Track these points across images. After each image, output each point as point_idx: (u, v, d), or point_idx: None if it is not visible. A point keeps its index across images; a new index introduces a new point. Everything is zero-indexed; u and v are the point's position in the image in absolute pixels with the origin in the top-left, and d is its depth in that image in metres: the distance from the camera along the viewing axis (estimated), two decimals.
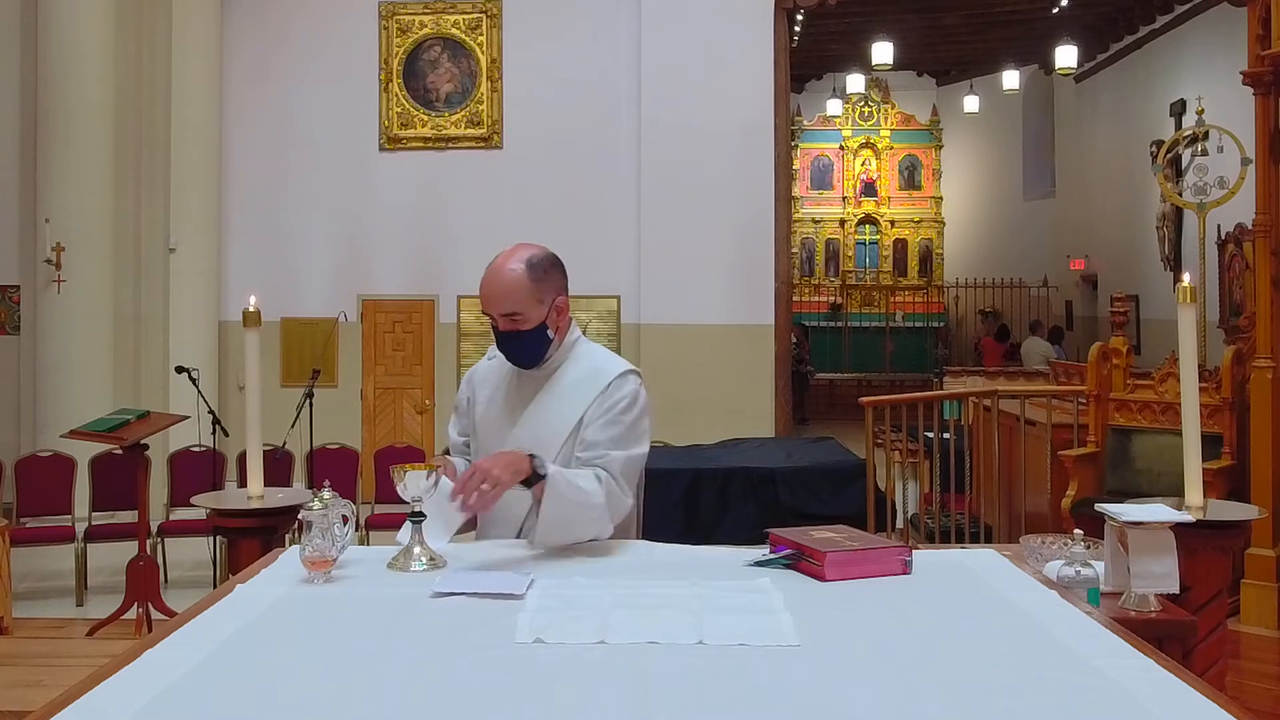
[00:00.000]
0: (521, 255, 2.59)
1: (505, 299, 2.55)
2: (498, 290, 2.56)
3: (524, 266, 2.56)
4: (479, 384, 2.78)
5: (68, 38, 7.45)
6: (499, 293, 2.56)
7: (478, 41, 9.42)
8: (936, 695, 1.60)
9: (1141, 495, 3.99)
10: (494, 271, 2.58)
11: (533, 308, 2.57)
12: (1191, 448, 2.82)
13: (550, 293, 2.60)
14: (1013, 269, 17.17)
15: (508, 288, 2.55)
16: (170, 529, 6.69)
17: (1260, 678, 5.03)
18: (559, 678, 1.67)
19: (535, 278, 2.57)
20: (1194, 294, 2.90)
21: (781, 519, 5.99)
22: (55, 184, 7.45)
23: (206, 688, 1.66)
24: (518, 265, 2.56)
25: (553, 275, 2.62)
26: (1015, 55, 15.70)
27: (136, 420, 5.94)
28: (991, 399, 7.09)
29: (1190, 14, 12.08)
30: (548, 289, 2.60)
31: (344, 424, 8.65)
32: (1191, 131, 8.09)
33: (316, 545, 2.26)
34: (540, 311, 2.59)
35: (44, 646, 5.64)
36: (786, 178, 9.50)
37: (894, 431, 7.05)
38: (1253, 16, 6.01)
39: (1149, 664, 1.73)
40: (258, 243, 9.46)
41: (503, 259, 2.59)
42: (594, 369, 2.67)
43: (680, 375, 8.82)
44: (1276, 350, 5.75)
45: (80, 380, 7.37)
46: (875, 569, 2.27)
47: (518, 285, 2.55)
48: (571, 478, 2.47)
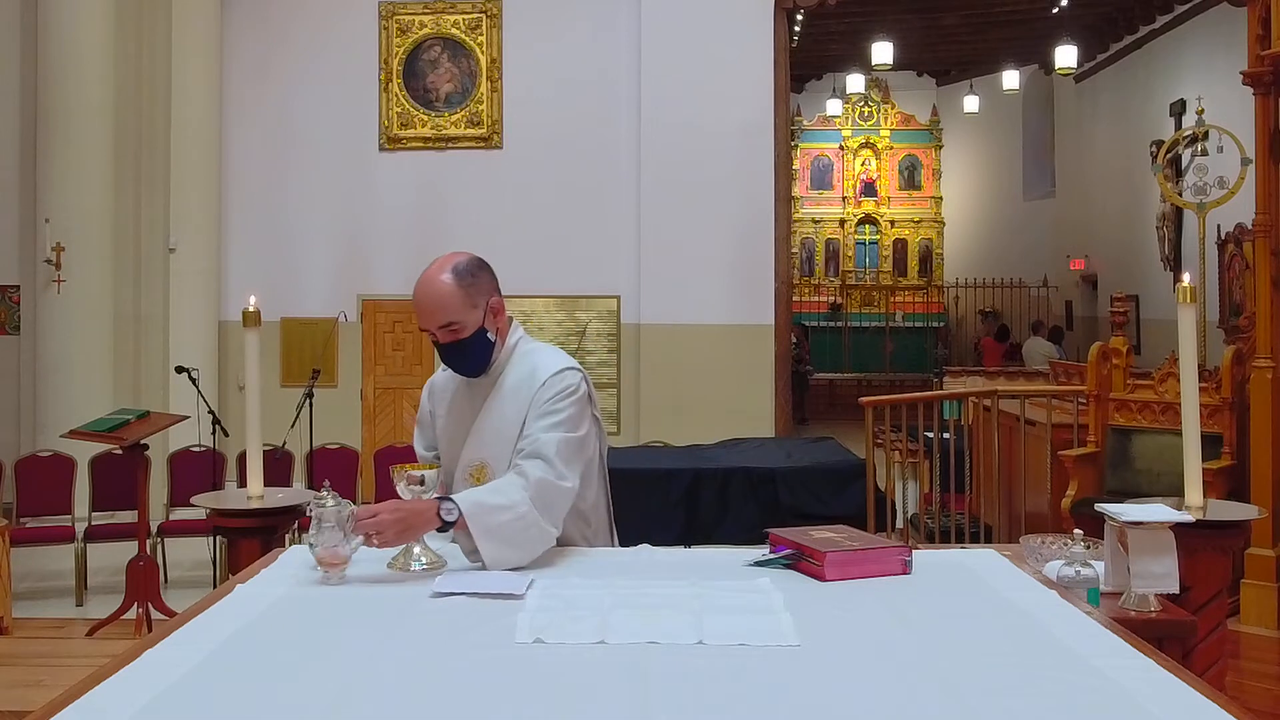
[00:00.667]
0: (445, 264, 2.58)
1: (438, 311, 2.53)
2: (430, 303, 2.54)
3: (451, 274, 2.55)
4: (438, 397, 2.76)
5: (68, 38, 7.45)
6: (431, 305, 2.54)
7: (478, 41, 9.42)
8: (936, 695, 1.60)
9: (1141, 495, 3.99)
10: (422, 285, 2.55)
11: (468, 313, 2.55)
12: (1191, 448, 2.82)
13: (482, 295, 2.58)
14: (1013, 269, 17.17)
15: (439, 298, 2.53)
16: (170, 529, 6.69)
17: (1260, 678, 5.03)
18: (559, 678, 1.67)
19: (464, 284, 2.55)
20: (1194, 294, 2.90)
21: (781, 519, 5.98)
22: (55, 184, 7.45)
23: (206, 688, 1.66)
24: (445, 275, 2.55)
25: (481, 277, 2.59)
26: (1015, 55, 15.70)
27: (136, 420, 5.94)
28: (991, 399, 7.09)
29: (1190, 14, 12.07)
30: (478, 291, 2.57)
31: (344, 424, 8.65)
32: (1191, 131, 8.09)
33: (329, 541, 2.21)
34: (476, 316, 2.56)
35: (44, 646, 5.64)
36: (786, 178, 9.50)
37: (894, 431, 7.05)
38: (1253, 16, 6.01)
39: (1149, 664, 1.73)
40: (258, 243, 9.46)
41: (428, 273, 2.57)
42: (531, 369, 2.60)
43: (680, 375, 8.83)
44: (1276, 350, 5.75)
45: (80, 380, 7.37)
46: (875, 569, 2.27)
47: (448, 294, 2.54)
48: (488, 498, 2.38)
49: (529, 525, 2.38)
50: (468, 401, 2.68)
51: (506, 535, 2.35)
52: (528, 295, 9.16)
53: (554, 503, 2.44)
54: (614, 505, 2.80)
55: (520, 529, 2.36)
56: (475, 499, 2.38)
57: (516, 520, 2.36)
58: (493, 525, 2.34)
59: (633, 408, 9.06)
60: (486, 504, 2.36)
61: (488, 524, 2.33)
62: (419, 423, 2.82)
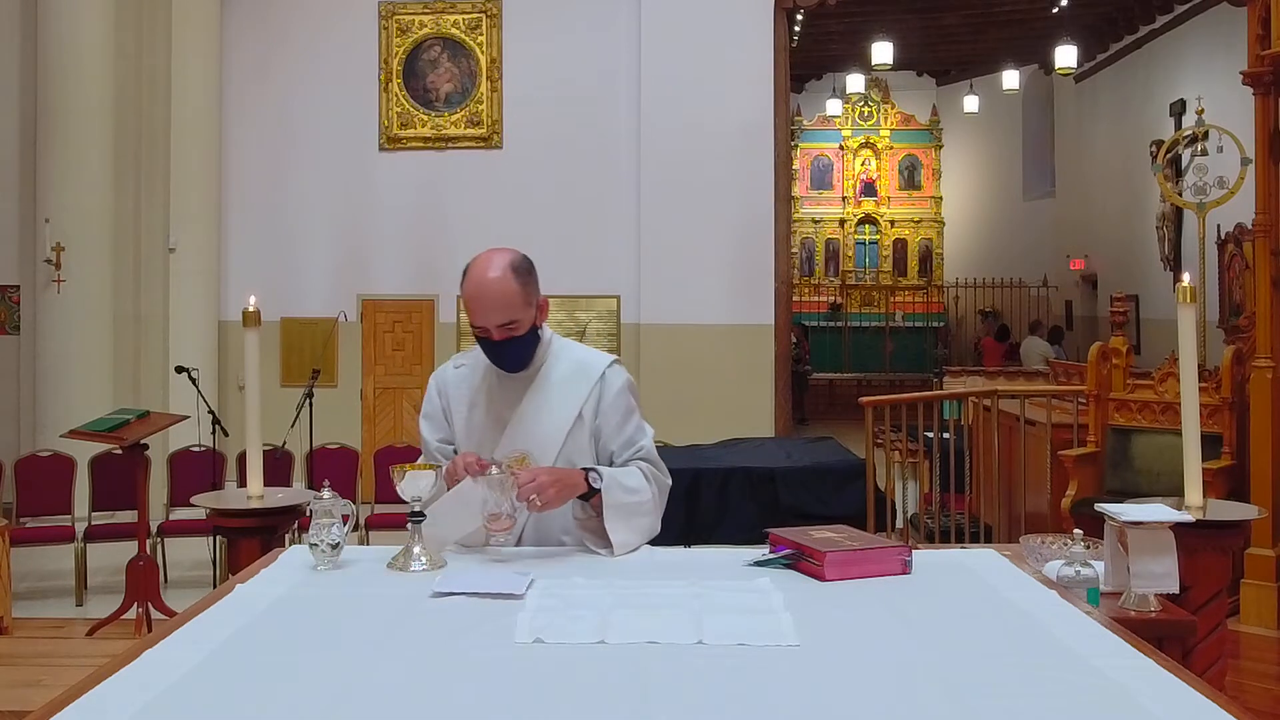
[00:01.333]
0: (503, 263, 2.57)
1: (503, 310, 2.54)
2: (494, 302, 2.54)
3: (512, 273, 2.55)
4: (452, 393, 2.75)
5: (68, 38, 7.45)
6: (495, 304, 2.54)
7: (477, 41, 9.42)
8: (936, 695, 1.60)
9: (1141, 495, 3.99)
10: (484, 284, 2.55)
11: (526, 312, 2.58)
12: (1191, 448, 2.82)
13: (535, 293, 2.62)
14: (1012, 269, 17.17)
15: (505, 298, 2.54)
16: (170, 529, 6.69)
17: (1260, 678, 5.03)
18: (559, 678, 1.67)
19: (523, 282, 2.57)
20: (1194, 294, 2.90)
21: (781, 519, 5.97)
22: (55, 184, 7.45)
23: (206, 688, 1.66)
24: (507, 273, 2.55)
25: (534, 276, 2.62)
26: (1015, 55, 15.70)
27: (136, 420, 5.93)
28: (991, 399, 7.09)
29: (1190, 14, 12.08)
30: (534, 290, 2.61)
31: (344, 424, 8.65)
32: (1191, 131, 8.09)
33: (497, 505, 2.35)
34: (531, 314, 2.60)
35: (44, 646, 5.64)
36: (786, 178, 9.50)
37: (894, 431, 7.05)
38: (1253, 16, 6.01)
39: (1149, 664, 1.73)
40: (258, 243, 9.45)
41: (484, 269, 2.56)
42: (580, 363, 2.71)
43: (680, 375, 8.82)
44: (1276, 350, 5.75)
45: (80, 380, 7.37)
46: (875, 569, 2.27)
47: (513, 293, 2.54)
48: (622, 479, 2.57)
49: (647, 514, 2.59)
50: (501, 395, 2.68)
51: (629, 515, 2.54)
52: None
53: (664, 499, 2.67)
54: None
55: (642, 514, 2.57)
56: (614, 475, 2.57)
57: (641, 504, 2.57)
58: (623, 503, 2.53)
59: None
60: (623, 484, 2.56)
61: (620, 501, 2.53)
62: (427, 416, 2.79)
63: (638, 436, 2.69)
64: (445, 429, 2.75)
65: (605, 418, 2.66)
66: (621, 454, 2.66)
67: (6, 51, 7.91)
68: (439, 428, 2.76)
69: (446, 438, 2.74)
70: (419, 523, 2.40)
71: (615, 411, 2.67)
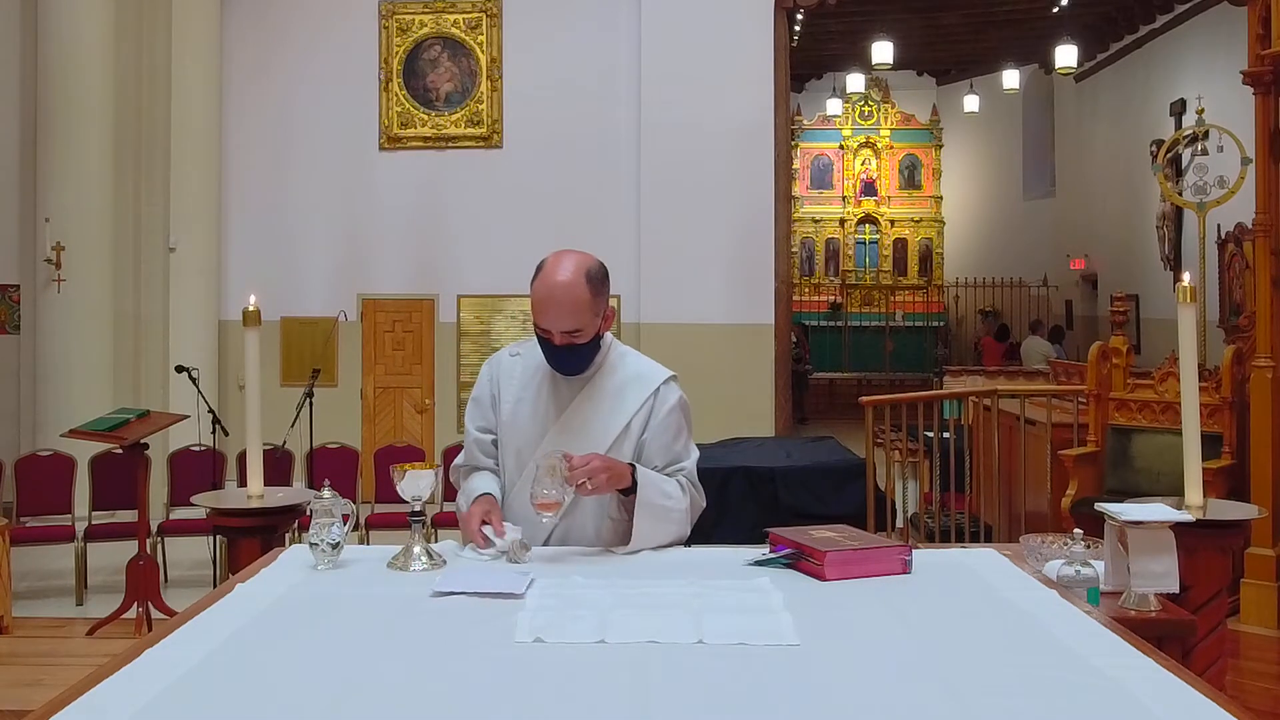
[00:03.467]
0: (579, 268, 2.52)
1: (571, 316, 2.51)
2: (564, 309, 2.50)
3: (585, 281, 2.51)
4: (504, 380, 2.72)
5: (68, 38, 7.45)
6: (565, 311, 2.50)
7: (478, 41, 9.42)
8: (936, 695, 1.60)
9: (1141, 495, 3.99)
10: (556, 288, 2.50)
11: (592, 321, 2.55)
12: (1191, 447, 2.82)
13: (604, 303, 2.59)
14: (1013, 269, 17.17)
15: (574, 306, 2.50)
16: (170, 528, 6.69)
17: (1260, 677, 5.03)
18: (559, 677, 1.67)
19: (595, 292, 2.54)
20: (1194, 293, 2.90)
21: (781, 518, 5.97)
22: (55, 184, 7.45)
23: (206, 687, 1.66)
24: (579, 280, 2.51)
25: (606, 287, 2.60)
26: (1015, 55, 15.70)
27: (136, 419, 5.94)
28: (991, 398, 7.09)
29: (1190, 14, 12.08)
30: (603, 300, 2.59)
31: (344, 423, 8.65)
32: (1191, 131, 8.09)
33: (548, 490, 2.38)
34: (596, 323, 2.57)
35: (44, 646, 5.64)
36: (786, 177, 9.50)
37: (894, 431, 7.05)
38: (1253, 16, 6.01)
39: (1149, 663, 1.73)
40: (258, 242, 9.45)
41: (558, 271, 2.51)
42: (637, 374, 2.69)
43: (680, 375, 8.79)
44: (1276, 350, 5.75)
45: (80, 380, 7.38)
46: (875, 568, 2.27)
47: (583, 303, 2.51)
48: (660, 484, 2.59)
49: (676, 523, 2.61)
50: (552, 394, 2.66)
51: (659, 520, 2.56)
52: (527, 295, 9.13)
53: (695, 515, 2.70)
54: None
55: (671, 521, 2.59)
56: (654, 477, 2.59)
57: (672, 511, 2.59)
58: (657, 504, 2.55)
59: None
60: (661, 487, 2.59)
61: (655, 501, 2.55)
62: (476, 401, 2.75)
63: (683, 455, 2.71)
64: (489, 416, 2.72)
65: (654, 434, 2.65)
66: (664, 470, 2.66)
67: (6, 51, 7.91)
68: (484, 414, 2.73)
69: (488, 426, 2.72)
70: (419, 523, 2.40)
71: (666, 430, 2.67)
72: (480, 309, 9.34)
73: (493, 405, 2.72)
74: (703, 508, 2.72)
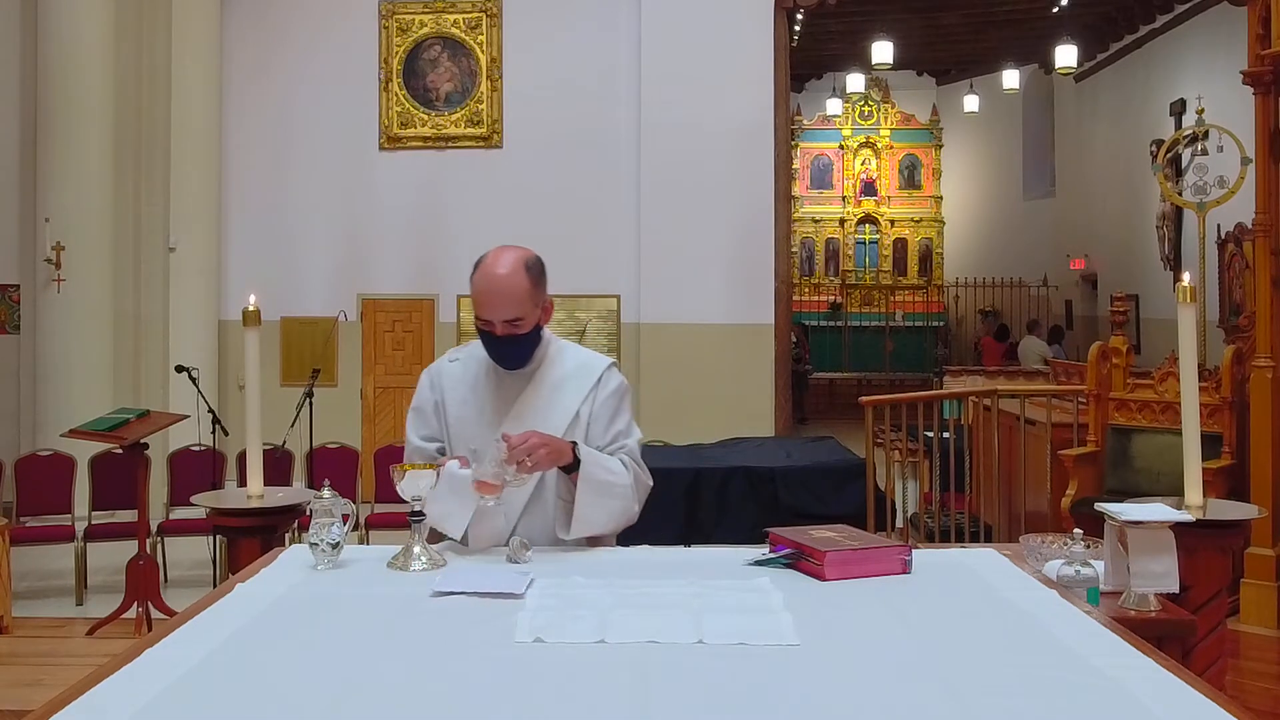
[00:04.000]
0: (518, 259, 2.59)
1: (512, 305, 2.56)
2: (505, 298, 2.56)
3: (524, 270, 2.58)
4: (447, 386, 2.75)
5: (68, 38, 7.45)
6: (505, 300, 2.56)
7: (478, 41, 9.42)
8: (936, 695, 1.60)
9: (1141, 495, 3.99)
10: (495, 279, 2.57)
11: (533, 310, 2.60)
12: (1191, 447, 2.82)
13: (544, 294, 2.65)
14: (1012, 268, 17.17)
15: (515, 293, 2.56)
16: (170, 528, 6.69)
17: (1260, 677, 5.03)
18: (559, 677, 1.67)
19: (534, 282, 2.60)
20: (1194, 293, 2.90)
21: (781, 518, 5.97)
22: (55, 183, 7.45)
23: (206, 687, 1.66)
24: (519, 269, 2.57)
25: (544, 277, 2.65)
26: (1015, 55, 15.70)
27: (136, 419, 5.93)
28: (991, 398, 7.09)
29: (1190, 13, 12.07)
30: (542, 290, 2.64)
31: (344, 423, 8.65)
32: (1191, 131, 8.08)
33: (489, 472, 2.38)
34: (536, 314, 2.62)
35: (44, 646, 5.64)
36: (786, 177, 9.50)
37: (894, 431, 7.05)
38: (1253, 16, 6.01)
39: (1149, 663, 1.73)
40: (258, 242, 9.45)
41: (497, 264, 2.58)
42: (580, 364, 2.74)
43: (680, 375, 8.82)
44: (1276, 350, 5.75)
45: (80, 380, 7.38)
46: (875, 568, 2.27)
47: (524, 290, 2.57)
48: (603, 460, 2.60)
49: (620, 498, 2.60)
50: (498, 391, 2.69)
51: (603, 495, 2.56)
52: None
53: (643, 494, 2.69)
54: None
55: (614, 496, 2.59)
56: (593, 453, 2.59)
57: (615, 486, 2.59)
58: (600, 479, 2.56)
59: (633, 407, 9.05)
60: (603, 463, 2.60)
61: (598, 476, 2.56)
62: (418, 411, 2.77)
63: (625, 435, 2.72)
64: (433, 425, 2.74)
65: (595, 416, 2.69)
66: (606, 448, 2.68)
67: (6, 51, 7.91)
68: (426, 423, 2.75)
69: (432, 434, 2.73)
70: (419, 522, 2.40)
71: (606, 410, 2.71)
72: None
73: (435, 412, 2.74)
74: (649, 486, 2.71)
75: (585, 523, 2.56)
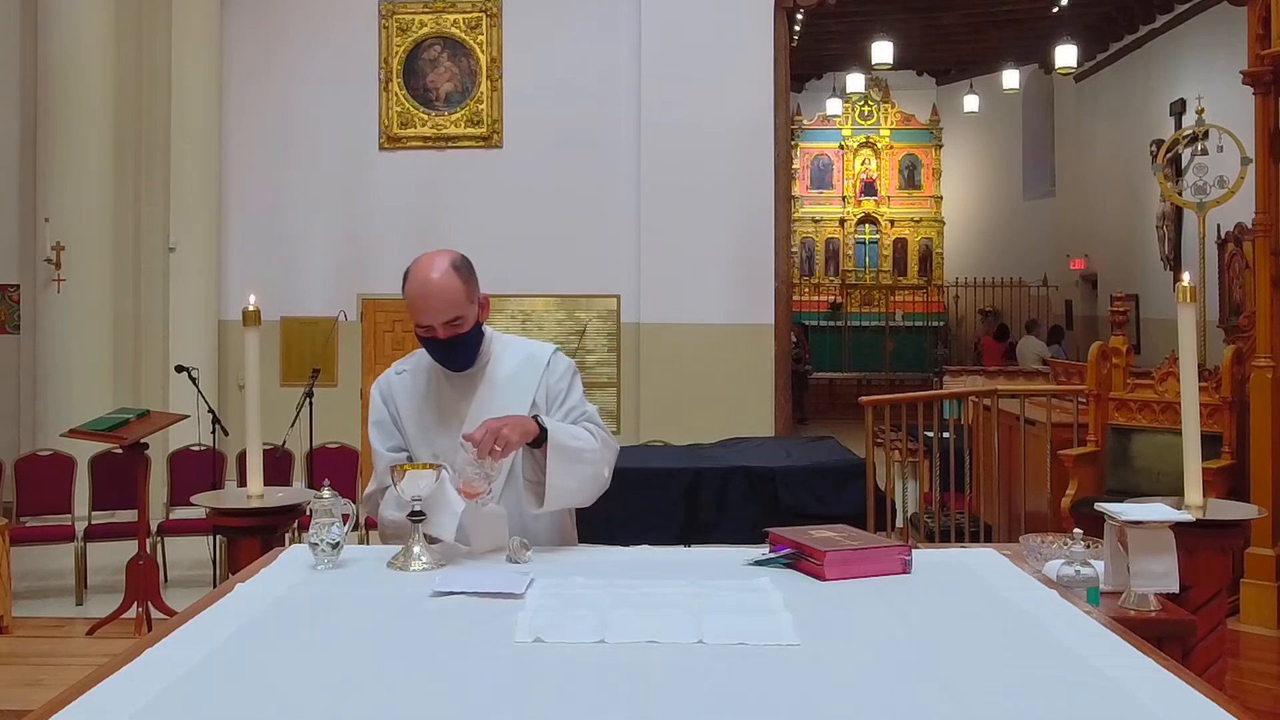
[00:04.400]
0: (445, 261, 2.61)
1: (448, 306, 2.58)
2: (439, 300, 2.58)
3: (454, 270, 2.60)
4: (399, 398, 2.77)
5: (68, 38, 7.44)
6: (440, 302, 2.58)
7: (477, 41, 9.42)
8: (936, 695, 1.60)
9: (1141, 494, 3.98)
10: (428, 283, 2.58)
11: (469, 308, 2.63)
12: (1191, 447, 2.82)
13: (477, 290, 2.67)
14: (1012, 268, 17.17)
15: (448, 293, 2.58)
16: (170, 528, 6.69)
17: (1260, 677, 5.03)
18: (559, 677, 1.67)
19: (465, 279, 2.62)
20: (1194, 293, 2.89)
21: (781, 518, 5.97)
22: (55, 183, 7.45)
23: (206, 687, 1.66)
24: (448, 270, 2.59)
25: (474, 274, 2.68)
26: (1015, 55, 15.70)
27: (136, 419, 5.93)
28: (991, 398, 7.09)
29: (1190, 13, 12.07)
30: (475, 287, 2.66)
31: (344, 423, 8.64)
32: (1191, 131, 8.08)
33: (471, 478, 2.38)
34: (474, 311, 2.65)
35: (44, 645, 5.64)
36: (786, 177, 9.50)
37: (894, 431, 7.05)
38: (1253, 16, 6.01)
39: (1149, 663, 1.73)
40: (258, 242, 9.45)
41: (426, 269, 2.60)
42: (527, 356, 2.77)
43: (680, 375, 8.82)
44: (1276, 350, 5.75)
45: (80, 380, 7.37)
46: (875, 568, 2.27)
47: (457, 290, 2.59)
48: (567, 428, 2.62)
49: (590, 463, 2.59)
50: (450, 395, 2.71)
51: (573, 462, 2.55)
52: (527, 295, 9.17)
53: (611, 456, 2.68)
54: (614, 505, 2.83)
55: (584, 461, 2.58)
56: (557, 423, 2.60)
57: (584, 451, 2.59)
58: (568, 446, 2.55)
59: (633, 407, 9.06)
60: (568, 430, 2.60)
61: (566, 444, 2.55)
62: (379, 425, 2.79)
63: (580, 407, 2.74)
64: (396, 436, 2.76)
65: (551, 400, 2.72)
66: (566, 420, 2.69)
67: (6, 51, 7.91)
68: (389, 435, 2.77)
69: (398, 444, 2.75)
70: (419, 522, 2.40)
71: (559, 391, 2.74)
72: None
73: (395, 424, 2.77)
74: (617, 449, 2.73)
75: (560, 491, 2.55)
